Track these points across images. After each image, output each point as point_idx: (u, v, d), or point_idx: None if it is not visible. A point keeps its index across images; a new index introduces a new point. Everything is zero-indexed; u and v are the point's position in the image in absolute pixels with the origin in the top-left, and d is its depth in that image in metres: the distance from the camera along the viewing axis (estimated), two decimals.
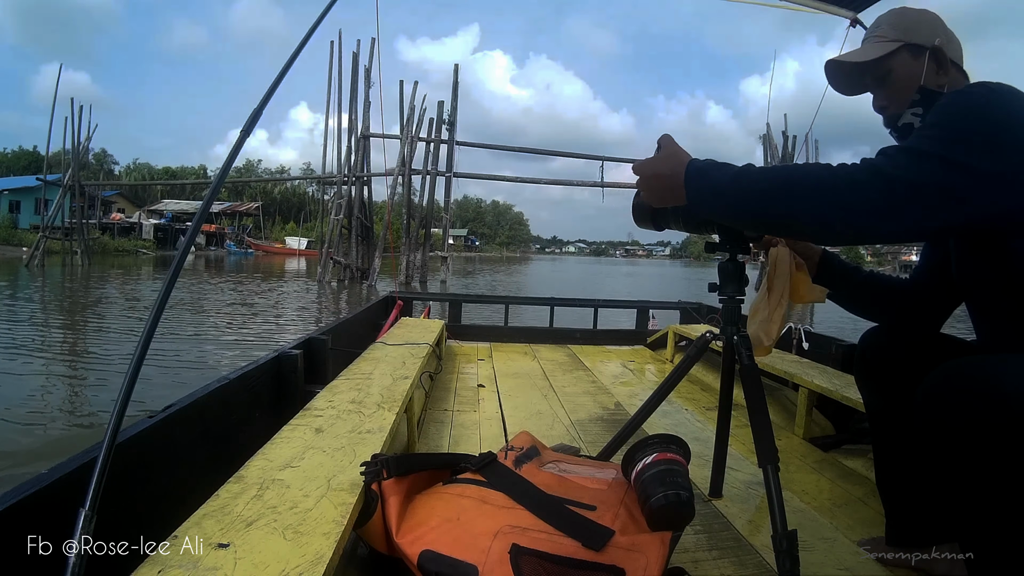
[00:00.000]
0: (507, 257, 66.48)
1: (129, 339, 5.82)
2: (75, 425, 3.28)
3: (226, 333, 6.66)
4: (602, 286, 19.14)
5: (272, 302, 10.19)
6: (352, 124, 15.62)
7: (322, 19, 1.06)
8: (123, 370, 0.68)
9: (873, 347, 1.03)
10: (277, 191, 47.84)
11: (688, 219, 1.12)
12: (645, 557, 0.77)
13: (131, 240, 28.65)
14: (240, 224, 38.73)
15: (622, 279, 24.92)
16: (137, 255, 25.21)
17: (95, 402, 3.73)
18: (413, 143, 14.86)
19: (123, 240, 28.09)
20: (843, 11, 2.15)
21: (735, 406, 1.24)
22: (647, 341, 3.27)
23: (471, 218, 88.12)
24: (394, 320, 2.93)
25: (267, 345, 5.25)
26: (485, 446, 1.54)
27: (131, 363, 0.68)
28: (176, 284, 0.75)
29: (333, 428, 1.06)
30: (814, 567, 0.99)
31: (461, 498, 0.84)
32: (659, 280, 25.47)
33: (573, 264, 53.38)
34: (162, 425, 0.96)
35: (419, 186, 15.47)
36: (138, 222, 31.04)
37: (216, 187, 0.94)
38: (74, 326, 7.00)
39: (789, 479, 1.39)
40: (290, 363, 1.54)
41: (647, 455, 0.90)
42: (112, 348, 5.43)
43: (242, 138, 0.84)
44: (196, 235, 0.91)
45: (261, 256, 31.31)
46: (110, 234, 28.03)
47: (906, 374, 0.93)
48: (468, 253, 65.99)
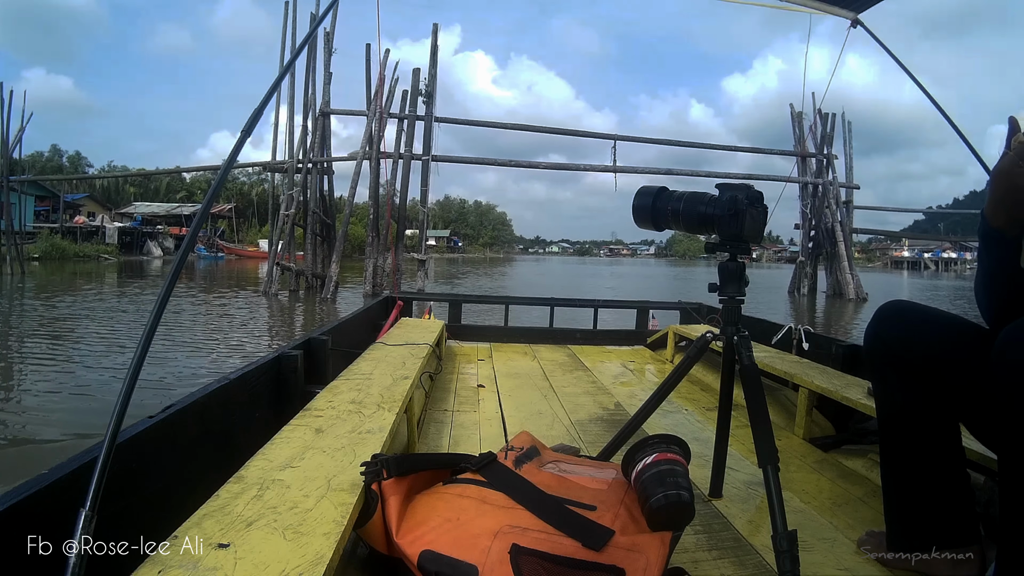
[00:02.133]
0: (491, 258, 65.21)
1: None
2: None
3: (95, 368, 4.78)
4: (595, 287, 17.82)
5: (190, 325, 7.44)
6: (309, 100, 12.37)
7: (322, 20, 1.07)
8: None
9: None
10: (255, 192, 45.11)
11: (688, 220, 1.13)
12: (645, 557, 0.77)
13: (93, 245, 26.26)
14: (212, 227, 35.53)
15: (613, 279, 23.82)
16: (98, 261, 23.10)
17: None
18: (383, 120, 11.69)
19: (85, 245, 25.56)
20: (844, 12, 2.15)
21: (735, 406, 1.24)
22: (647, 341, 3.27)
23: (454, 219, 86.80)
24: (394, 320, 2.93)
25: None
26: (485, 446, 1.54)
27: (131, 363, 0.68)
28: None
29: (333, 428, 1.06)
30: (814, 567, 0.99)
31: (461, 498, 0.84)
32: (648, 280, 24.60)
33: (558, 264, 51.77)
34: (162, 425, 0.96)
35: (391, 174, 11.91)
36: (101, 225, 28.70)
37: (216, 187, 0.94)
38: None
39: (789, 479, 1.39)
40: (290, 363, 1.54)
41: (647, 455, 0.90)
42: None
43: (242, 138, 0.84)
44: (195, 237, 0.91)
45: (232, 260, 28.68)
46: (71, 238, 25.46)
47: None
48: (451, 255, 64.87)
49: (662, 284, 20.99)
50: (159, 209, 35.78)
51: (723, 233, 1.10)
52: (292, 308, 9.94)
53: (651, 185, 1.18)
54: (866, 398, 1.47)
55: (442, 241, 71.89)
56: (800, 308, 12.52)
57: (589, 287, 17.77)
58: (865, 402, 1.44)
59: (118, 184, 43.53)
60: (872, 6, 2.15)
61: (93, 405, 3.77)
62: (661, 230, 1.21)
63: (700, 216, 1.10)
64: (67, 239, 24.87)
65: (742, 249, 1.11)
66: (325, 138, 12.63)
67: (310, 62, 12.41)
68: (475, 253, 76.67)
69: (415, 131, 11.81)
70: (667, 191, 1.16)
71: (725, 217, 1.07)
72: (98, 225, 28.89)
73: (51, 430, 3.27)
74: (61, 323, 7.30)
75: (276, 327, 7.87)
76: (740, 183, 1.08)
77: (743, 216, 1.06)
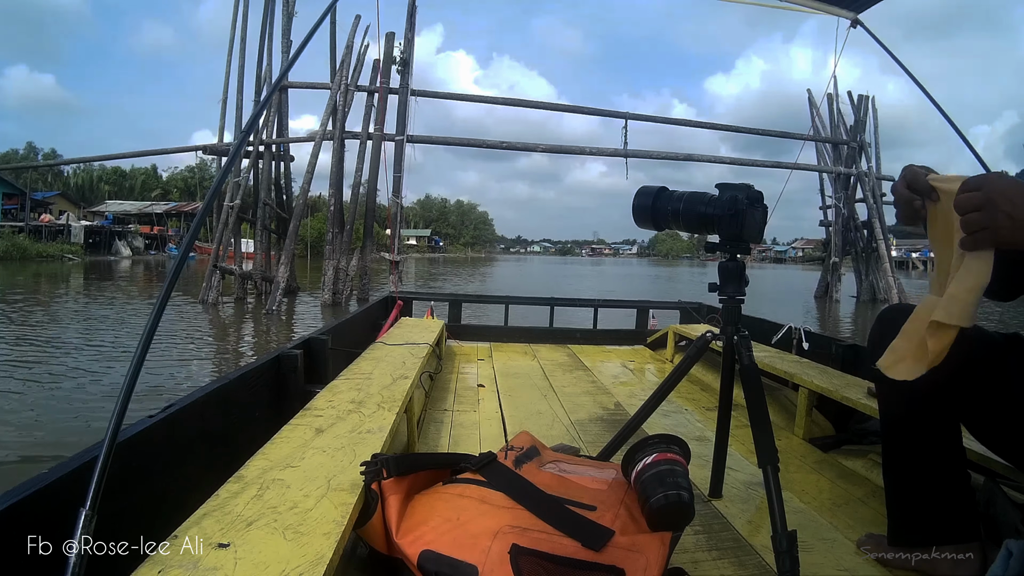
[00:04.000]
0: (472, 258, 64.10)
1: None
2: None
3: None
4: (579, 289, 16.52)
5: (80, 345, 5.70)
6: (265, 73, 10.20)
7: (322, 20, 1.07)
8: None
9: None
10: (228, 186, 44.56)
11: (688, 220, 1.13)
12: (645, 557, 0.77)
13: (58, 244, 24.49)
14: (186, 225, 33.30)
15: (606, 280, 23.13)
16: (62, 261, 21.79)
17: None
18: (348, 93, 9.61)
19: (49, 244, 23.82)
20: (844, 12, 2.16)
21: (735, 406, 1.24)
22: (647, 341, 3.27)
23: (435, 218, 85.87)
24: (394, 320, 2.93)
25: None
26: (485, 446, 1.54)
27: (131, 364, 0.68)
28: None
29: (333, 428, 1.06)
30: (814, 567, 0.99)
31: (461, 498, 0.84)
32: (627, 280, 23.76)
33: (539, 265, 50.18)
34: (162, 425, 0.97)
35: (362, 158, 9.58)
36: (66, 224, 26.84)
37: (216, 188, 0.94)
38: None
39: (789, 479, 1.39)
40: (290, 363, 1.54)
41: (647, 455, 0.90)
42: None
43: (243, 139, 0.84)
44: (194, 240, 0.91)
45: (203, 260, 25.36)
46: (35, 237, 23.87)
47: None
48: (432, 254, 63.89)
49: (639, 284, 20.28)
50: (131, 207, 34.36)
51: (723, 233, 1.10)
52: (221, 323, 7.73)
53: (651, 185, 1.18)
54: (866, 398, 1.47)
55: (423, 241, 71.30)
56: (838, 317, 10.71)
57: (571, 290, 16.15)
58: (865, 402, 1.44)
59: (92, 182, 42.31)
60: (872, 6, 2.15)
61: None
62: (661, 230, 1.22)
63: (700, 216, 1.10)
64: (32, 238, 23.50)
65: (742, 249, 1.11)
66: (282, 116, 10.43)
67: (266, 27, 10.28)
68: (456, 253, 75.71)
69: (387, 107, 9.47)
70: (667, 191, 1.16)
71: (725, 217, 1.07)
72: (64, 223, 27.07)
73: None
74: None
75: (197, 362, 5.32)
76: (740, 183, 1.08)
77: (743, 216, 1.06)
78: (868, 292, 12.80)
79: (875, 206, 12.21)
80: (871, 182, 12.25)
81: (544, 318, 3.51)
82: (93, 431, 3.16)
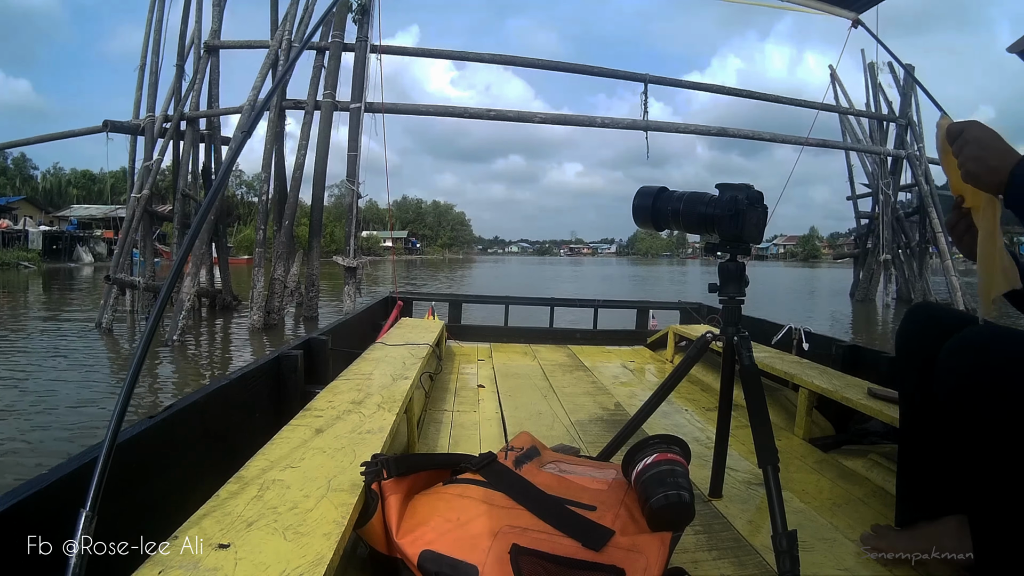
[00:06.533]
0: (450, 259, 62.89)
1: None
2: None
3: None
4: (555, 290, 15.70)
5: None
6: (190, 34, 7.92)
7: (322, 21, 1.06)
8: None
9: None
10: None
11: (688, 221, 1.13)
12: (645, 557, 0.77)
13: (14, 251, 23.19)
14: (152, 228, 32.96)
15: (572, 282, 22.09)
16: (18, 269, 20.68)
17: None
18: (291, 51, 7.21)
19: (5, 251, 22.67)
20: (844, 12, 2.16)
21: (735, 406, 1.24)
22: (647, 341, 3.27)
23: (411, 219, 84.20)
24: (394, 320, 2.94)
25: None
26: (485, 446, 1.54)
27: (131, 364, 0.69)
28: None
29: (333, 428, 1.06)
30: (814, 567, 0.99)
31: (461, 498, 0.84)
32: (609, 281, 23.01)
33: (517, 265, 49.19)
34: (162, 425, 0.97)
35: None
36: (23, 229, 25.37)
37: (218, 187, 0.94)
38: None
39: (789, 479, 1.39)
40: (290, 363, 1.54)
41: (647, 455, 0.90)
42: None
43: (243, 139, 0.84)
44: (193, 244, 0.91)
45: (168, 265, 23.99)
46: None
47: None
48: (409, 256, 62.09)
49: (619, 284, 19.59)
50: (96, 212, 31.81)
51: (723, 233, 1.10)
52: (89, 362, 5.27)
53: (651, 185, 1.18)
54: (866, 398, 1.47)
55: (399, 242, 70.12)
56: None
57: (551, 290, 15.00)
58: (865, 402, 1.44)
59: (60, 186, 41.01)
60: (873, 6, 2.15)
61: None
62: (661, 230, 1.22)
63: (700, 216, 1.10)
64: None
65: (742, 249, 1.11)
66: (212, 85, 7.89)
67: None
68: (434, 254, 74.68)
69: (339, 68, 7.15)
70: (667, 191, 1.16)
71: (725, 217, 1.07)
72: (20, 229, 25.45)
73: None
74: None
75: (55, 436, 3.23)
76: (740, 183, 1.08)
77: (743, 216, 1.06)
78: (920, 295, 11.13)
79: (928, 194, 10.24)
80: (923, 165, 10.19)
81: (544, 318, 3.51)
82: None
